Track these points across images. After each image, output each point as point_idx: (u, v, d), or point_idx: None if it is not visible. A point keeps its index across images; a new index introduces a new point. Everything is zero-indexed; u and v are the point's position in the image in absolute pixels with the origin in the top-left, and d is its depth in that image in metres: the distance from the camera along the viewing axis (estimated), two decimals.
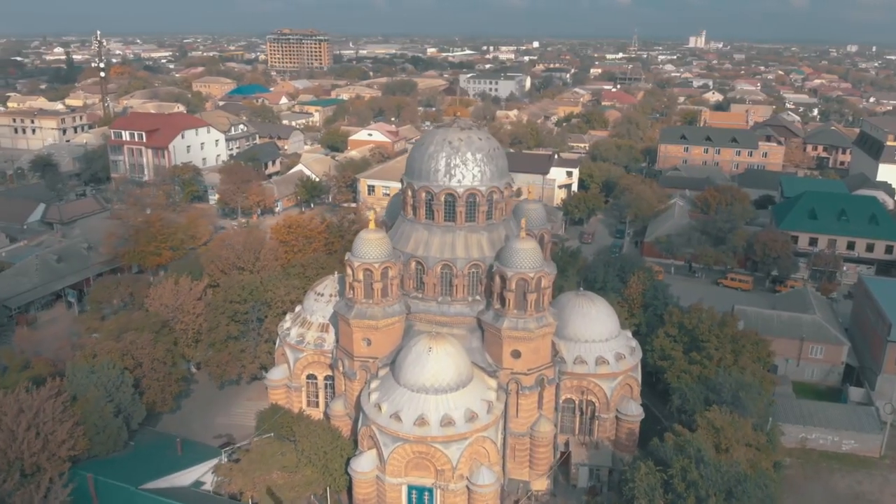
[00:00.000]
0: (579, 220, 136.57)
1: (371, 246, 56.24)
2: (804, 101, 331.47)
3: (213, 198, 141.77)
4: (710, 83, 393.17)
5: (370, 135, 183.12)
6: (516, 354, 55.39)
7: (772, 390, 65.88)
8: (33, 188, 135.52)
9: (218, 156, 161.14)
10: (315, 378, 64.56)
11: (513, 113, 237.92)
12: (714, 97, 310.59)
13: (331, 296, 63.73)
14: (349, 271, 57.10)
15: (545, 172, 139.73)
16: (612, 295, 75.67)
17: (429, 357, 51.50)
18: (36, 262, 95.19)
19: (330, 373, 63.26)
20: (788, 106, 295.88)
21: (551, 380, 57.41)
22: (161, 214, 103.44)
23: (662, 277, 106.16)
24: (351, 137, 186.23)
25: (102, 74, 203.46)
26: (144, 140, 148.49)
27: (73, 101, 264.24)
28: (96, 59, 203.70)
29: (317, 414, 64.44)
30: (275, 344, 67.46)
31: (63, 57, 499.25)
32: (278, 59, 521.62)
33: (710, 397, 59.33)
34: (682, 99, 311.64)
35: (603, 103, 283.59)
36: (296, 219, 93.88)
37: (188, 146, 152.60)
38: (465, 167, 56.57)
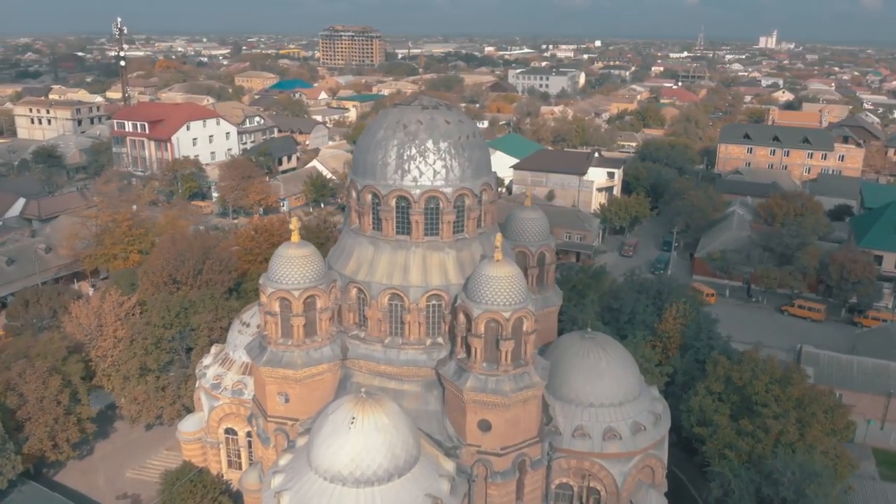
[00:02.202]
0: (620, 229, 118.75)
1: (290, 266, 41.01)
2: (883, 101, 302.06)
3: (217, 195, 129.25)
4: (781, 82, 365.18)
5: None
6: (485, 426, 39.23)
7: (849, 474, 48.09)
8: (22, 181, 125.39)
9: (229, 150, 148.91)
10: (235, 434, 49.64)
11: (558, 109, 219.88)
12: (784, 96, 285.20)
13: (258, 326, 48.67)
14: (263, 300, 41.99)
15: (582, 173, 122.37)
16: (642, 331, 58.57)
17: (350, 432, 35.64)
18: None
19: None
20: (867, 106, 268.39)
21: (537, 461, 40.97)
22: (129, 213, 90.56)
23: (714, 301, 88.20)
24: None
25: (123, 64, 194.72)
26: (147, 131, 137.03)
27: (112, 94, 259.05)
28: (117, 51, 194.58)
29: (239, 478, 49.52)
30: None
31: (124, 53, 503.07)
32: (330, 56, 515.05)
33: (763, 490, 42.10)
34: (748, 98, 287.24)
35: (661, 101, 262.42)
36: (266, 221, 79.55)
37: (194, 139, 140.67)
38: (424, 160, 40.67)
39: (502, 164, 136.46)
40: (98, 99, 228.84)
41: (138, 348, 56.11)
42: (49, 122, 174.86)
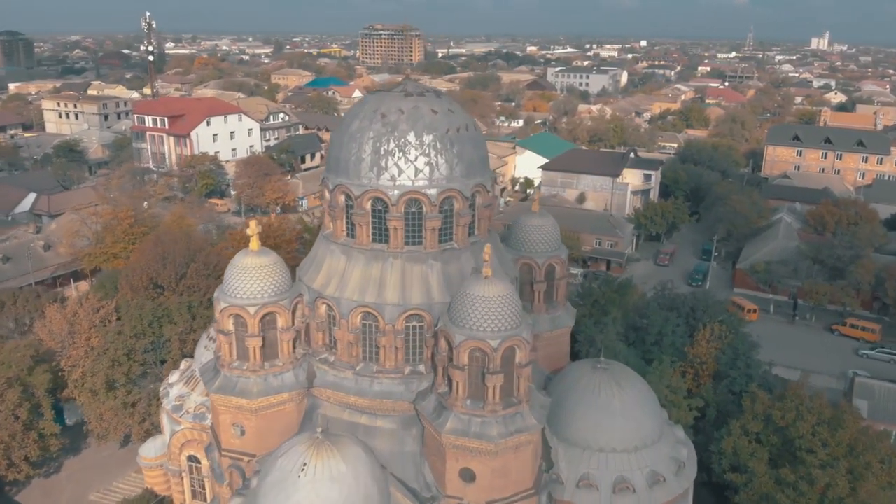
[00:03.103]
0: (656, 236, 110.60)
1: (246, 278, 35.13)
2: None
3: (234, 193, 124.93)
4: (833, 83, 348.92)
5: None
6: (468, 476, 32.74)
7: None
8: (37, 175, 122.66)
9: (251, 146, 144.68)
10: (199, 462, 43.94)
11: (596, 107, 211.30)
12: (836, 98, 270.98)
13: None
14: (217, 316, 36.19)
15: (616, 174, 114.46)
16: (671, 355, 51.31)
17: (299, 481, 29.36)
18: None
19: None
20: None
21: None
22: (130, 210, 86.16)
23: (756, 317, 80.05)
24: None
25: (151, 58, 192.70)
26: (166, 126, 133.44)
27: (149, 90, 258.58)
28: (146, 45, 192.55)
29: None
30: None
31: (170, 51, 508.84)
32: (369, 54, 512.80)
33: None
34: (798, 99, 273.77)
35: (706, 100, 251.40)
36: (266, 221, 74.14)
37: (214, 134, 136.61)
38: (405, 156, 34.36)
39: (531, 163, 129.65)
40: (135, 95, 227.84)
41: (105, 360, 50.98)
42: (76, 116, 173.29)
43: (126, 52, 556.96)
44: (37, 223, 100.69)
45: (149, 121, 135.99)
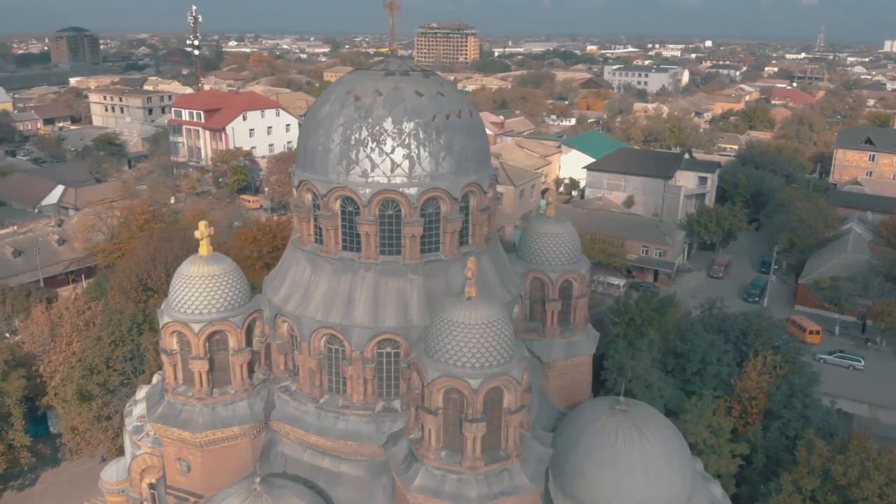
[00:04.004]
0: (710, 245, 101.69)
1: (191, 289, 29.61)
2: None
3: (267, 190, 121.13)
4: None
5: None
6: None
7: None
8: (69, 168, 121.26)
9: (288, 142, 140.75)
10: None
11: (652, 106, 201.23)
12: None
13: None
14: (161, 333, 30.78)
15: (668, 176, 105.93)
16: (713, 389, 43.93)
17: None
18: None
19: None
20: None
21: None
22: (146, 205, 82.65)
23: (819, 339, 71.38)
24: None
25: (196, 52, 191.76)
26: (203, 120, 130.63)
27: (207, 86, 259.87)
28: (192, 39, 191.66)
29: None
30: None
31: (233, 50, 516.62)
32: (424, 53, 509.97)
33: None
34: (871, 101, 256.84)
35: (772, 101, 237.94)
36: (274, 220, 69.14)
37: (251, 129, 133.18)
38: (379, 147, 28.23)
39: (576, 163, 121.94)
40: (188, 90, 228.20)
41: (80, 368, 46.51)
42: (122, 110, 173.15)
43: (189, 49, 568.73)
44: (60, 216, 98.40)
45: (185, 114, 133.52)
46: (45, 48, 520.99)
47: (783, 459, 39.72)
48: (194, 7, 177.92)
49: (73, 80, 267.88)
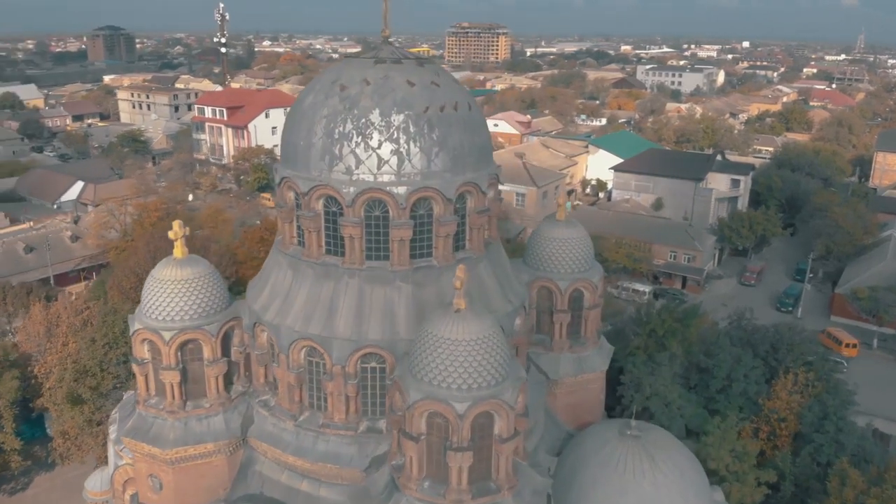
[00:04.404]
0: (742, 251, 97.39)
1: (162, 294, 27.37)
2: None
3: None
4: None
5: (496, 125, 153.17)
6: None
7: None
8: (93, 163, 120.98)
9: None
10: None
11: (685, 106, 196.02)
12: None
13: None
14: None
15: (699, 178, 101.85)
16: (738, 409, 40.57)
17: None
18: None
19: None
20: None
21: None
22: (159, 202, 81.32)
23: (857, 353, 67.27)
24: None
25: (223, 50, 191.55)
26: (225, 118, 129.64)
27: (234, 84, 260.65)
28: (219, 37, 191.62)
29: None
30: None
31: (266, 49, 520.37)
32: (455, 53, 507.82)
33: None
34: None
35: (810, 103, 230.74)
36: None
37: (273, 127, 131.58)
38: (365, 141, 25.63)
39: (604, 164, 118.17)
40: (218, 88, 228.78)
41: (71, 370, 44.76)
42: (148, 107, 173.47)
43: (223, 49, 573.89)
44: (77, 213, 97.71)
45: (208, 112, 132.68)
46: (83, 47, 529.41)
47: (813, 489, 36.31)
48: (221, 5, 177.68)
49: (106, 78, 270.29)
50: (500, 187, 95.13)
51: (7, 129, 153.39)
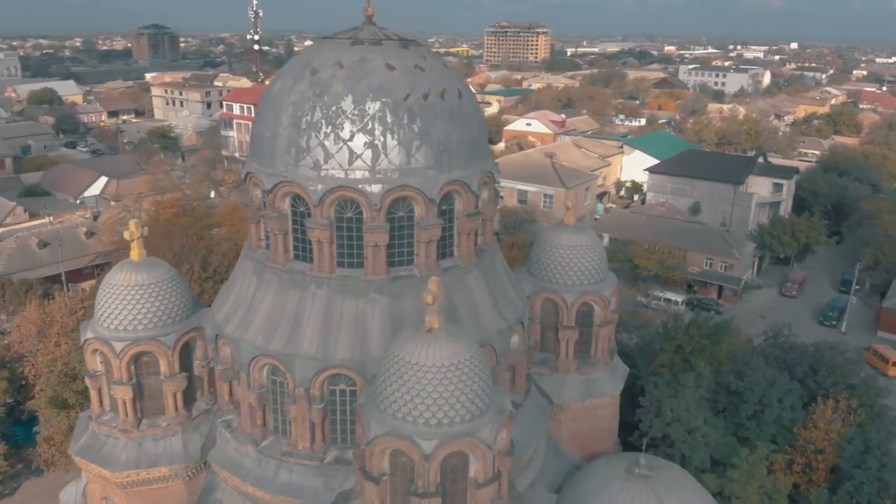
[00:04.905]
0: (784, 259, 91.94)
1: (115, 300, 24.64)
2: None
3: None
4: None
5: (528, 124, 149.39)
6: None
7: None
8: (119, 159, 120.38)
9: None
10: None
11: (728, 107, 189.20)
12: None
13: None
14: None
15: (739, 182, 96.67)
16: (771, 439, 36.40)
17: None
18: (12, 245, 75.55)
19: None
20: None
21: None
22: (175, 199, 79.64)
23: None
24: (506, 127, 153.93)
25: (257, 47, 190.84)
26: (252, 114, 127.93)
27: (268, 82, 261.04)
28: (252, 34, 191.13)
29: None
30: None
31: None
32: (494, 52, 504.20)
33: None
34: None
35: (860, 105, 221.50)
36: None
37: None
38: (335, 132, 22.47)
39: (639, 165, 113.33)
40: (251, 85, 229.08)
41: (57, 373, 42.62)
42: (181, 104, 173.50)
43: (266, 48, 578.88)
44: (99, 208, 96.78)
45: (236, 108, 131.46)
46: (128, 45, 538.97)
47: None
48: (255, 2, 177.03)
49: (148, 76, 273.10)
50: (527, 188, 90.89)
51: (40, 124, 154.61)
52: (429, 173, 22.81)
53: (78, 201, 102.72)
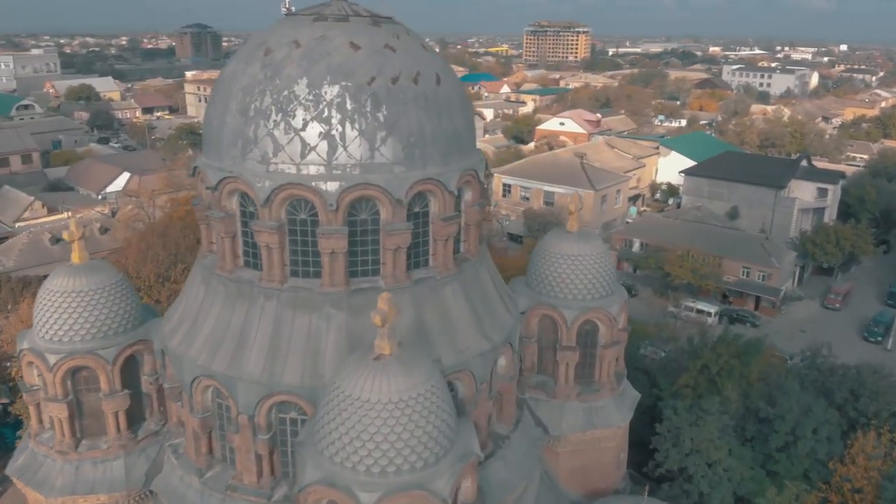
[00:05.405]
0: (828, 269, 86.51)
1: (51, 308, 21.97)
2: None
3: None
4: None
5: (562, 124, 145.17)
6: None
7: None
8: (143, 155, 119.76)
9: None
10: None
11: (772, 108, 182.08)
12: None
13: None
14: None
15: (780, 186, 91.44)
16: (802, 473, 32.32)
17: None
18: (24, 240, 74.54)
19: None
20: None
21: None
22: (188, 197, 77.60)
23: None
24: (539, 127, 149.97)
25: None
26: None
27: None
28: None
29: None
30: None
31: None
32: (533, 51, 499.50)
33: None
34: None
35: None
36: None
37: None
38: (286, 121, 19.36)
39: (676, 167, 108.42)
40: None
41: None
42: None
43: None
44: (116, 204, 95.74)
45: None
46: (173, 44, 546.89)
47: None
48: (287, 1, 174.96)
49: (189, 74, 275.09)
50: (554, 189, 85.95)
51: (72, 120, 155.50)
52: (396, 169, 19.59)
53: (100, 197, 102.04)
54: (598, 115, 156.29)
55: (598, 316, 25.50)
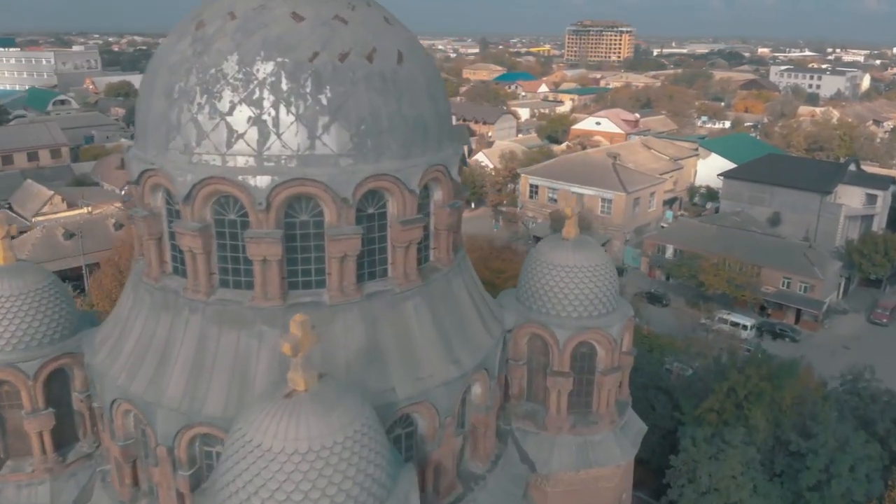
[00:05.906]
0: (875, 282, 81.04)
1: None
2: None
3: None
4: None
5: (598, 123, 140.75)
6: None
7: None
8: None
9: None
10: None
11: (820, 110, 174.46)
12: None
13: None
14: None
15: (826, 192, 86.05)
16: None
17: None
18: (38, 235, 73.72)
19: None
20: None
21: None
22: None
23: None
24: (574, 126, 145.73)
25: None
26: None
27: None
28: None
29: None
30: None
31: None
32: (574, 51, 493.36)
33: None
34: None
35: None
36: None
37: None
38: (212, 104, 16.40)
39: (715, 169, 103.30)
40: None
41: None
42: None
43: None
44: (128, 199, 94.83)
45: None
46: None
47: None
48: None
49: None
50: (584, 191, 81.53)
51: (106, 116, 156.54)
52: (342, 162, 16.51)
53: (122, 192, 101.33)
54: (637, 115, 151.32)
55: (596, 337, 22.05)
